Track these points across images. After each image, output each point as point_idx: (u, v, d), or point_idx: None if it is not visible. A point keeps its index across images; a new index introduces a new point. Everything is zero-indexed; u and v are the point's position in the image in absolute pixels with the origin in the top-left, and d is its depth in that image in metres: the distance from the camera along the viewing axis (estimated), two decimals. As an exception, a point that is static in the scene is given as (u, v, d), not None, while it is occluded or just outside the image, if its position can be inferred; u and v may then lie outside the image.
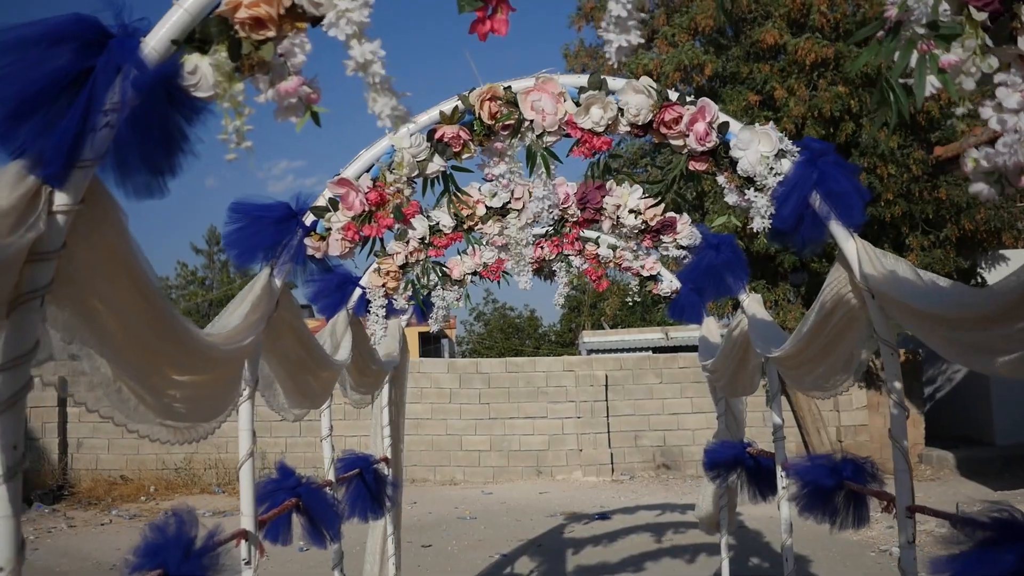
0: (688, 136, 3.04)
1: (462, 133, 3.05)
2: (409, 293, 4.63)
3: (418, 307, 6.17)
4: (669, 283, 5.91)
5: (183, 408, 2.28)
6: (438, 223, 4.48)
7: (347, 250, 3.08)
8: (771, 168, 2.99)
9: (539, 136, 3.07)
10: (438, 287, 6.07)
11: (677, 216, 4.51)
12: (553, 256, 5.83)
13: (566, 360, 15.98)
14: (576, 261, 6.01)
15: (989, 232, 12.62)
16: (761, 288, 13.11)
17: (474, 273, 6.06)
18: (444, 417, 15.22)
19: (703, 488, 6.35)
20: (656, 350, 22.30)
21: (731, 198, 3.12)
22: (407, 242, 4.50)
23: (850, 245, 2.98)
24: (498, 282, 6.10)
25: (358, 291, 4.57)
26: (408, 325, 6.06)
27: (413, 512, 11.46)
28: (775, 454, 4.60)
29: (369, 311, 4.55)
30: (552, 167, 3.11)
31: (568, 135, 3.10)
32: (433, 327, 6.15)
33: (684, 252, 4.57)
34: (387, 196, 3.02)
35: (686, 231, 4.51)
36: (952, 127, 11.90)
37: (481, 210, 4.46)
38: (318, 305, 4.51)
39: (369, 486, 5.07)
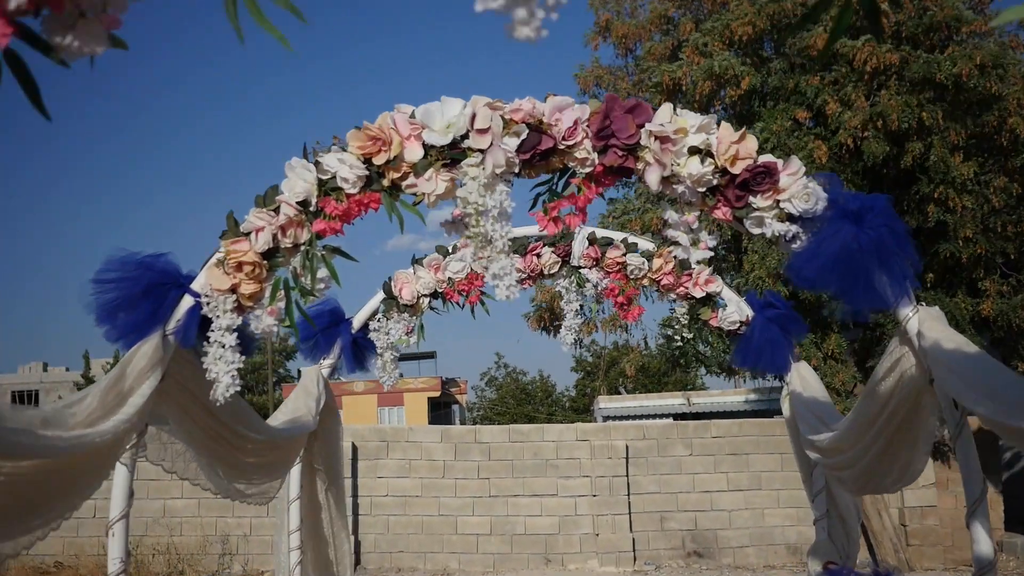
0: None
1: None
2: (281, 304, 2.50)
3: (348, 351, 4.09)
4: (736, 310, 3.80)
5: None
6: (334, 174, 2.40)
7: None
8: None
9: None
10: (382, 318, 4.01)
11: (778, 161, 2.39)
12: (555, 265, 3.76)
13: (580, 428, 13.79)
14: (592, 276, 3.92)
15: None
16: (809, 345, 11.08)
17: (434, 295, 4.00)
18: (436, 495, 13.10)
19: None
20: (677, 417, 20.49)
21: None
22: (275, 210, 2.41)
23: None
24: (473, 307, 4.02)
25: (188, 300, 2.48)
26: (332, 376, 3.95)
27: (390, 617, 9.19)
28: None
29: (209, 337, 2.44)
30: None
31: None
32: (384, 382, 4.05)
33: (793, 228, 2.42)
34: None
35: (798, 186, 2.36)
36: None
37: (415, 152, 2.38)
38: (110, 327, 2.42)
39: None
